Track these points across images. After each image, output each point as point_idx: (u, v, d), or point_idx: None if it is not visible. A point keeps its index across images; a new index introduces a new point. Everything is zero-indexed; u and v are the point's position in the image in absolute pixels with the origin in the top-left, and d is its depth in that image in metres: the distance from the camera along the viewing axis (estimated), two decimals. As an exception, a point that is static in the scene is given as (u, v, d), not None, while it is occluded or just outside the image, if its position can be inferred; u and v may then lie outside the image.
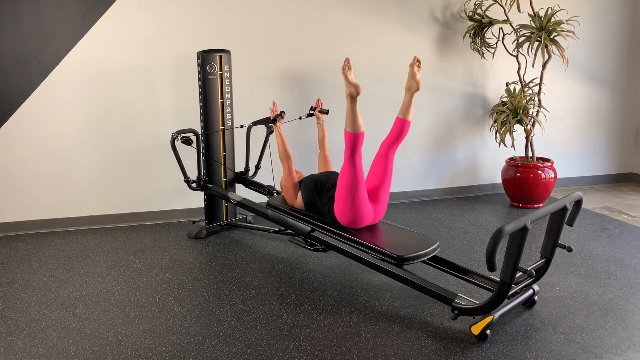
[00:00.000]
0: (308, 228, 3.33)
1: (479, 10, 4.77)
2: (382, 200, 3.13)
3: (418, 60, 3.00)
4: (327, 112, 3.85)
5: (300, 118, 4.08)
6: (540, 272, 2.83)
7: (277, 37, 4.49)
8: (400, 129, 3.04)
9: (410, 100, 3.01)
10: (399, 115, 3.05)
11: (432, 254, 2.95)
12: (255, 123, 4.07)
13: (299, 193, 3.43)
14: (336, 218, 3.12)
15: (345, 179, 2.97)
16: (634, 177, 5.66)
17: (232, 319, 2.83)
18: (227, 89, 4.05)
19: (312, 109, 3.91)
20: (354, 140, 2.90)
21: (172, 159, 3.98)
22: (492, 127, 4.94)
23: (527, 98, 4.71)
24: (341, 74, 2.91)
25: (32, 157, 4.16)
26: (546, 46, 4.48)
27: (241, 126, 4.09)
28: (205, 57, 3.92)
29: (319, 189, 3.29)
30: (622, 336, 2.65)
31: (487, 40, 4.83)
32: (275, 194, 3.99)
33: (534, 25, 4.58)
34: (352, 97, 2.86)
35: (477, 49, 4.86)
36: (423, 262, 3.03)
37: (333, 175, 3.36)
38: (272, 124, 3.78)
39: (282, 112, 3.80)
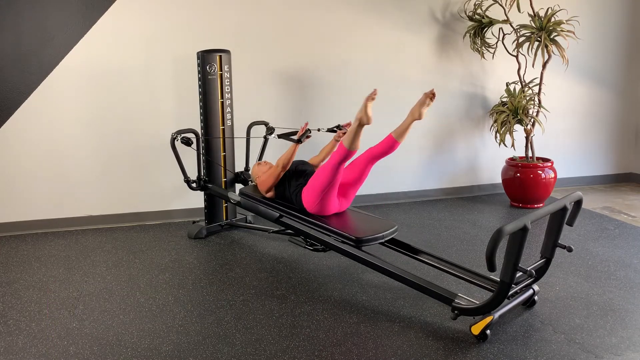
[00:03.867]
0: (277, 214, 3.51)
1: (479, 10, 4.77)
2: (350, 196, 3.35)
3: (433, 94, 3.00)
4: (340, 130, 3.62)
5: (319, 130, 3.91)
6: (540, 272, 2.83)
7: (277, 37, 4.49)
8: (389, 147, 3.14)
9: (409, 126, 3.07)
10: (393, 134, 3.10)
11: (390, 237, 3.14)
12: (280, 136, 3.89)
13: (274, 187, 3.56)
14: (303, 205, 3.31)
15: (323, 178, 3.14)
16: (634, 177, 5.66)
17: (232, 319, 2.83)
18: (227, 89, 4.05)
19: (339, 127, 3.71)
20: (345, 155, 3.05)
21: (172, 159, 3.98)
22: (492, 127, 4.94)
23: (527, 98, 4.71)
24: (364, 100, 2.96)
25: (32, 157, 4.16)
26: (546, 46, 4.48)
27: (265, 137, 4.13)
28: (205, 57, 3.92)
29: (287, 177, 3.47)
30: (622, 336, 2.65)
31: (487, 40, 4.83)
32: (249, 182, 4.09)
33: (534, 25, 4.58)
34: (361, 124, 2.98)
35: (477, 49, 4.86)
36: (383, 244, 3.22)
37: (301, 164, 3.56)
38: (296, 143, 3.53)
39: (309, 132, 3.52)
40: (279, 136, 3.95)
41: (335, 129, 3.66)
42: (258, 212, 3.69)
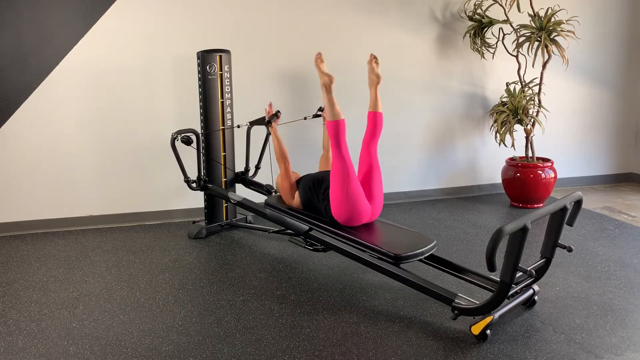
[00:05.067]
0: (306, 227, 3.35)
1: (479, 10, 4.77)
2: (377, 196, 3.18)
3: (375, 57, 3.28)
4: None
5: (305, 118, 4.03)
6: (540, 272, 2.83)
7: (277, 37, 4.49)
8: (373, 122, 3.20)
9: (375, 94, 3.23)
10: (370, 109, 3.22)
11: (429, 253, 2.96)
12: (252, 123, 4.05)
13: (297, 193, 3.45)
14: (333, 217, 3.15)
15: (336, 172, 3.05)
16: (634, 177, 5.66)
17: (232, 319, 2.83)
18: (227, 89, 4.05)
19: (321, 109, 3.88)
20: (336, 128, 3.01)
21: (172, 159, 3.98)
22: (492, 127, 4.94)
23: (527, 98, 4.71)
24: (314, 66, 3.06)
25: (32, 157, 4.16)
26: (546, 46, 4.48)
27: (238, 126, 4.08)
28: (205, 57, 3.92)
29: (316, 187, 3.32)
30: (622, 336, 2.65)
31: (487, 40, 4.83)
32: (273, 193, 3.99)
33: (534, 25, 4.58)
34: (327, 87, 3.02)
35: (477, 49, 4.86)
36: (422, 261, 3.05)
37: (328, 174, 3.38)
38: (267, 126, 3.70)
39: (278, 112, 3.71)
40: (251, 123, 4.00)
41: (319, 112, 3.79)
42: (285, 224, 3.52)
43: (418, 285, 2.81)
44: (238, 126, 4.08)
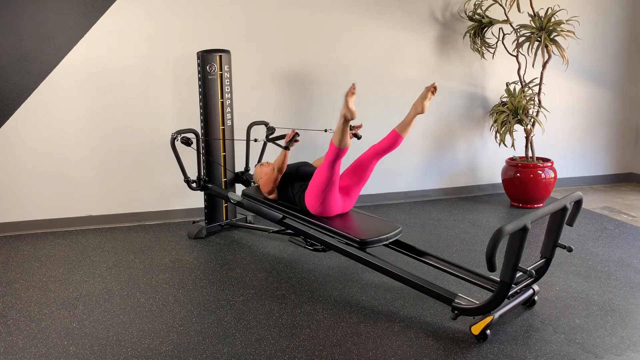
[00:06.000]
0: (280, 215, 3.51)
1: (479, 10, 4.77)
2: (354, 195, 3.32)
3: (435, 87, 3.11)
4: (359, 138, 3.45)
5: (325, 131, 3.93)
6: (540, 272, 2.83)
7: (277, 37, 4.49)
8: (393, 142, 3.18)
9: (412, 120, 3.14)
10: (397, 129, 3.17)
11: (394, 239, 3.11)
12: (269, 140, 4.05)
13: (276, 189, 3.53)
14: (306, 207, 3.28)
15: (321, 179, 3.12)
16: (634, 177, 5.66)
17: (232, 319, 2.83)
18: (227, 89, 4.05)
19: (350, 128, 3.66)
20: (337, 153, 3.03)
21: (172, 159, 3.98)
22: (492, 127, 4.94)
23: (527, 98, 4.71)
24: (344, 96, 2.96)
25: (32, 157, 4.16)
26: (546, 46, 4.48)
27: (255, 140, 4.09)
28: (205, 57, 3.92)
29: (290, 179, 3.44)
30: (622, 336, 2.65)
31: (487, 40, 4.83)
32: (252, 184, 4.07)
33: (534, 25, 4.58)
34: (346, 120, 2.97)
35: (477, 49, 4.86)
36: (389, 247, 3.22)
37: (304, 165, 3.54)
38: (284, 149, 3.46)
39: (296, 136, 3.44)
40: (268, 140, 4.00)
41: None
42: (261, 213, 3.69)
43: (418, 285, 2.82)
44: (255, 140, 4.08)
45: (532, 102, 4.72)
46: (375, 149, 3.22)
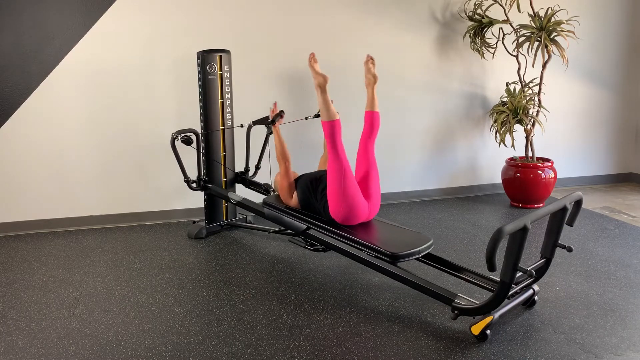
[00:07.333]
0: (304, 226, 3.35)
1: (479, 10, 4.77)
2: (374, 195, 3.19)
3: (371, 58, 3.28)
4: (279, 119, 3.65)
5: (306, 118, 4.04)
6: (540, 272, 2.83)
7: (277, 37, 4.49)
8: (370, 121, 3.21)
9: (372, 94, 3.23)
10: (367, 109, 3.23)
11: (426, 252, 2.97)
12: (255, 123, 4.06)
13: (295, 192, 3.45)
14: (331, 215, 3.16)
15: (333, 172, 3.05)
16: (634, 177, 5.66)
17: (232, 319, 2.83)
18: (227, 89, 4.05)
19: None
20: (331, 129, 3.01)
21: (172, 159, 3.98)
22: (492, 127, 4.94)
23: (527, 98, 4.71)
24: (308, 66, 3.06)
25: (32, 157, 4.16)
26: (546, 46, 4.48)
27: (241, 125, 4.09)
28: (205, 57, 3.92)
29: (314, 186, 3.33)
30: (622, 336, 2.65)
31: (487, 40, 4.83)
32: (271, 192, 4.00)
33: (534, 25, 4.58)
34: (322, 87, 3.02)
35: (477, 49, 4.86)
36: (421, 260, 3.06)
37: (314, 173, 3.47)
38: (271, 125, 3.73)
39: (282, 112, 3.74)
40: (254, 122, 4.01)
41: (318, 113, 3.77)
42: (283, 223, 3.53)
43: (418, 285, 2.81)
44: (241, 125, 4.08)
45: (532, 102, 4.72)
46: (363, 137, 3.23)
